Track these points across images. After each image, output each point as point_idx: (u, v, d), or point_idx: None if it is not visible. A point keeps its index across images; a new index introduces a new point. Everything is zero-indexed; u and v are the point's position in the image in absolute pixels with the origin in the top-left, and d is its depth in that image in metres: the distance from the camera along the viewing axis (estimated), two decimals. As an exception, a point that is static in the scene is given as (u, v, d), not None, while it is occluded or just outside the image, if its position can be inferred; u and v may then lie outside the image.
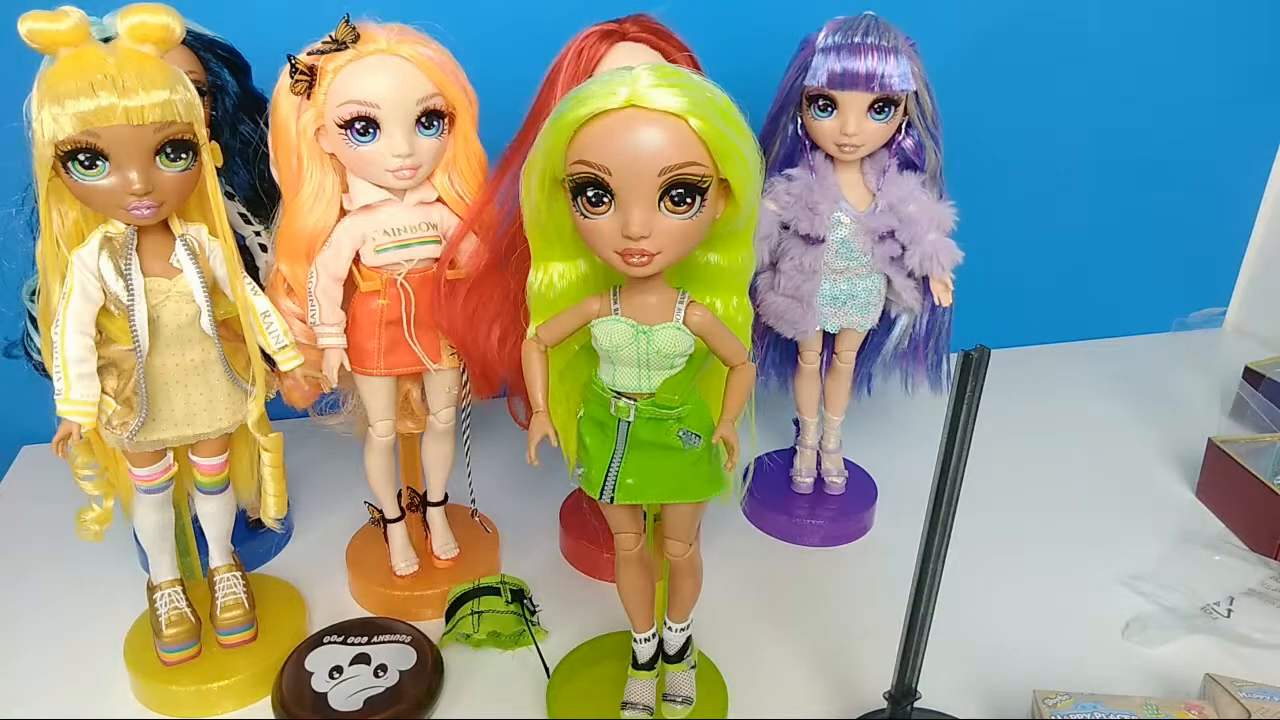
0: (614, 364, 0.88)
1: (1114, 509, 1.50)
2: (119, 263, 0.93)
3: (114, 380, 0.98)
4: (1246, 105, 1.94)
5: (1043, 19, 1.74)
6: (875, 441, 1.62)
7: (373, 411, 1.18)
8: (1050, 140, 1.86)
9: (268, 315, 1.03)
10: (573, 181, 0.79)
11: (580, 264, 0.90)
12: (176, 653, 1.11)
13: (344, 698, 1.07)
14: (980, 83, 1.69)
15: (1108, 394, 1.86)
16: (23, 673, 1.17)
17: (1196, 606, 1.25)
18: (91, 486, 1.04)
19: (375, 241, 1.08)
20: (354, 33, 1.00)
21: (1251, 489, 1.40)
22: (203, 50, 1.17)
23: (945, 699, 1.08)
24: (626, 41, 1.08)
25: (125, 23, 0.87)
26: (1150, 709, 1.01)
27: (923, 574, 0.92)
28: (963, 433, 0.83)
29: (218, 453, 1.08)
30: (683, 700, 1.06)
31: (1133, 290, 2.06)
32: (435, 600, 1.24)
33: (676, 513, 0.96)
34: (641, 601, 1.03)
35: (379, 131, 1.02)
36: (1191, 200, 2.01)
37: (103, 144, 0.86)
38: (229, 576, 1.16)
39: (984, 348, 0.80)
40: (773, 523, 1.44)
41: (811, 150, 1.25)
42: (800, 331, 1.30)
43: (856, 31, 1.16)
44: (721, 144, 0.76)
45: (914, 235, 1.23)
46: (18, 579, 1.33)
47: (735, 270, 0.90)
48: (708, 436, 0.90)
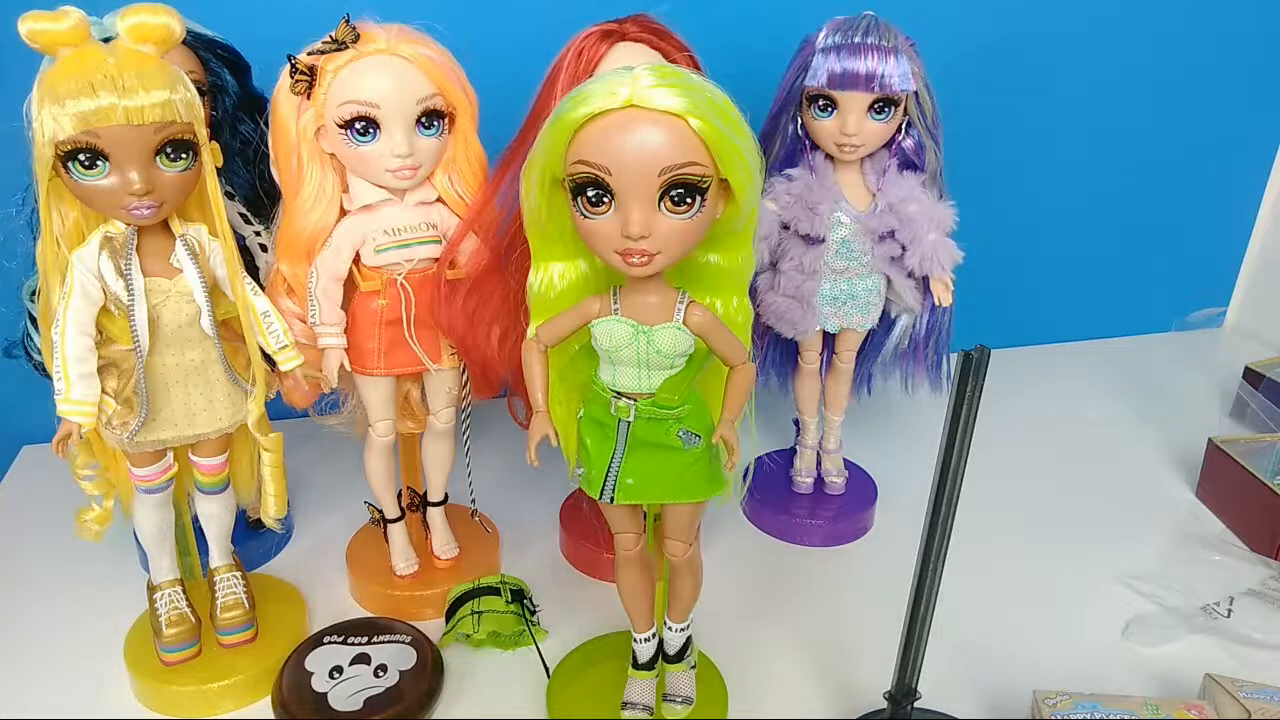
0: (614, 364, 0.88)
1: (1114, 509, 1.50)
2: (119, 263, 0.93)
3: (114, 380, 0.98)
4: (1246, 105, 1.94)
5: (1043, 19, 1.75)
6: (875, 441, 1.62)
7: (373, 411, 1.18)
8: (1050, 140, 1.86)
9: (268, 315, 1.03)
10: (573, 181, 0.79)
11: (580, 264, 0.90)
12: (176, 653, 1.11)
13: (344, 698, 1.07)
14: (980, 83, 1.69)
15: (1108, 394, 1.86)
16: (23, 673, 1.16)
17: (1196, 606, 1.25)
18: (91, 486, 1.04)
19: (375, 242, 1.08)
20: (354, 33, 1.00)
21: (1251, 489, 1.40)
22: (203, 50, 1.17)
23: (945, 699, 1.08)
24: (626, 41, 1.08)
25: (125, 23, 0.87)
26: (1150, 709, 1.01)
27: (923, 574, 0.92)
28: (963, 433, 0.83)
29: (218, 453, 1.08)
30: (683, 700, 1.05)
31: (1133, 290, 2.06)
32: (435, 600, 1.24)
33: (676, 513, 0.96)
34: (641, 602, 1.03)
35: (379, 131, 1.02)
36: (1191, 200, 2.01)
37: (103, 144, 0.85)
38: (229, 576, 1.16)
39: (984, 348, 0.80)
40: (773, 523, 1.44)
41: (811, 150, 1.25)
42: (800, 331, 1.30)
43: (856, 31, 1.16)
44: (721, 144, 0.76)
45: (914, 235, 1.23)
46: (18, 579, 1.33)
47: (735, 270, 0.90)
48: (708, 436, 0.90)
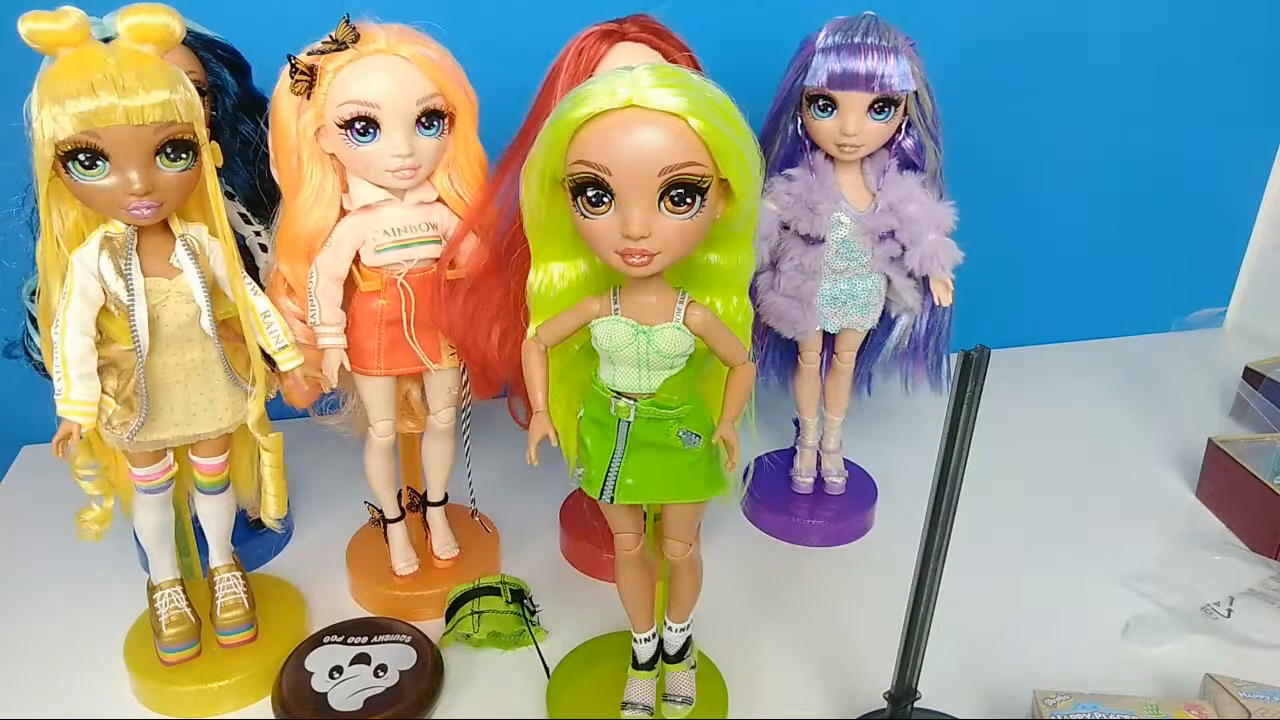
0: (614, 364, 0.88)
1: (1114, 509, 1.50)
2: (119, 263, 0.93)
3: (114, 380, 0.98)
4: (1246, 105, 1.94)
5: (1043, 19, 1.74)
6: (875, 441, 1.62)
7: (373, 411, 1.18)
8: (1050, 140, 1.86)
9: (268, 315, 1.03)
10: (573, 181, 0.78)
11: (580, 264, 0.90)
12: (176, 653, 1.11)
13: (344, 698, 1.07)
14: (980, 83, 1.69)
15: (1108, 394, 1.86)
16: (23, 672, 1.16)
17: (1196, 606, 1.25)
18: (91, 486, 1.03)
19: (375, 242, 1.08)
20: (354, 33, 1.00)
21: (1251, 489, 1.40)
22: (203, 50, 1.17)
23: (945, 699, 1.08)
24: (626, 41, 1.08)
25: (125, 23, 0.87)
26: (1150, 709, 1.01)
27: (923, 574, 0.92)
28: (963, 433, 0.83)
29: (218, 453, 1.08)
30: (683, 700, 1.05)
31: (1133, 290, 2.06)
32: (435, 600, 1.24)
33: (676, 513, 0.96)
34: (641, 601, 1.03)
35: (379, 131, 1.02)
36: (1191, 200, 2.00)
37: (103, 144, 0.85)
38: (229, 576, 1.16)
39: (984, 348, 0.80)
40: (773, 523, 1.43)
41: (811, 150, 1.25)
42: (800, 331, 1.30)
43: (856, 31, 1.16)
44: (721, 144, 0.76)
45: (914, 235, 1.23)
46: (18, 579, 1.33)
47: (735, 270, 0.90)
48: (708, 436, 0.90)
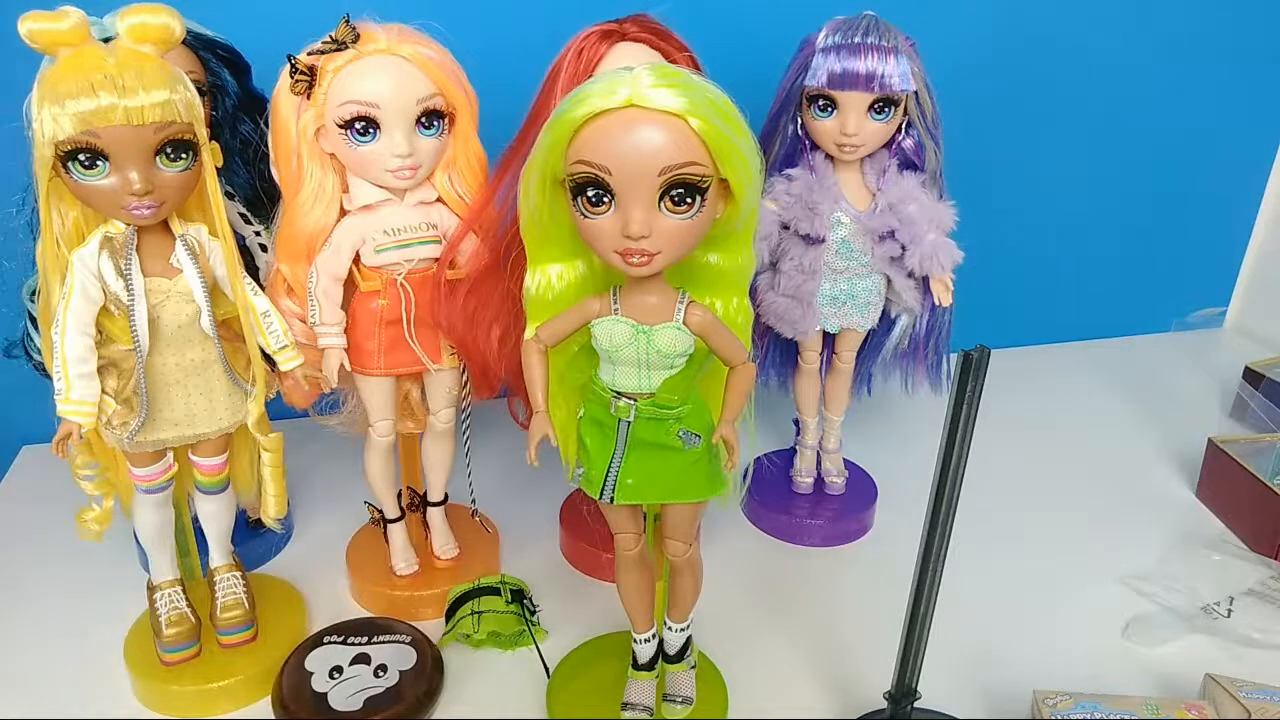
0: (614, 364, 0.88)
1: (1114, 509, 1.50)
2: (119, 263, 0.93)
3: (114, 380, 0.98)
4: (1246, 105, 1.94)
5: (1043, 19, 1.74)
6: (875, 441, 1.62)
7: (373, 411, 1.18)
8: (1050, 140, 1.86)
9: (268, 315, 1.03)
10: (573, 181, 0.78)
11: (579, 265, 0.90)
12: (176, 653, 1.11)
13: (344, 698, 1.07)
14: (980, 83, 1.69)
15: (1108, 394, 1.86)
16: (23, 672, 1.16)
17: (1196, 606, 1.25)
18: (91, 486, 1.04)
19: (375, 241, 1.08)
20: (354, 33, 1.00)
21: (1251, 489, 1.40)
22: (203, 50, 1.17)
23: (945, 699, 1.08)
24: (626, 41, 1.08)
25: (125, 23, 0.87)
26: (1150, 709, 1.01)
27: (923, 574, 0.92)
28: (963, 433, 0.83)
29: (218, 453, 1.08)
30: (683, 700, 1.06)
31: (1133, 290, 2.06)
32: (435, 600, 1.24)
33: (676, 513, 0.96)
34: (641, 602, 1.03)
35: (379, 131, 1.02)
36: (1191, 200, 2.00)
37: (103, 144, 0.85)
38: (229, 576, 1.16)
39: (984, 348, 0.80)
40: (773, 523, 1.43)
41: (811, 150, 1.25)
42: (800, 331, 1.30)
43: (856, 31, 1.16)
44: (721, 144, 0.76)
45: (914, 235, 1.23)
46: (18, 579, 1.33)
47: (735, 270, 0.90)
48: (708, 436, 0.90)
